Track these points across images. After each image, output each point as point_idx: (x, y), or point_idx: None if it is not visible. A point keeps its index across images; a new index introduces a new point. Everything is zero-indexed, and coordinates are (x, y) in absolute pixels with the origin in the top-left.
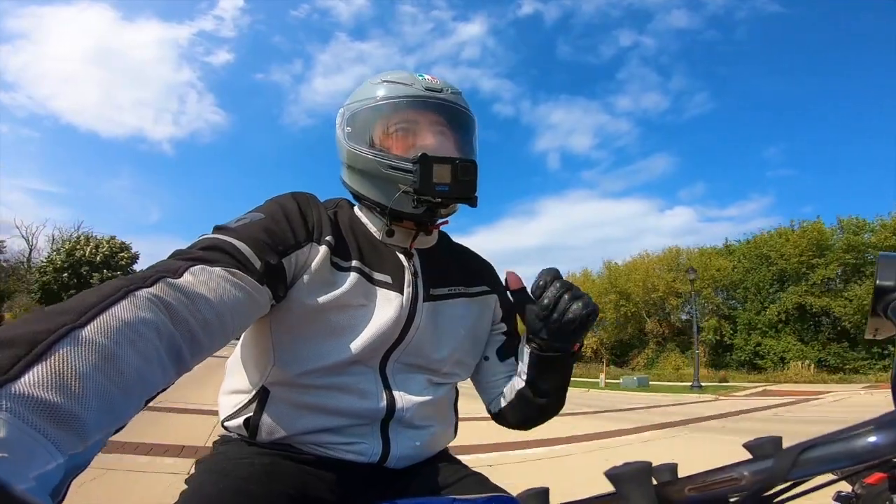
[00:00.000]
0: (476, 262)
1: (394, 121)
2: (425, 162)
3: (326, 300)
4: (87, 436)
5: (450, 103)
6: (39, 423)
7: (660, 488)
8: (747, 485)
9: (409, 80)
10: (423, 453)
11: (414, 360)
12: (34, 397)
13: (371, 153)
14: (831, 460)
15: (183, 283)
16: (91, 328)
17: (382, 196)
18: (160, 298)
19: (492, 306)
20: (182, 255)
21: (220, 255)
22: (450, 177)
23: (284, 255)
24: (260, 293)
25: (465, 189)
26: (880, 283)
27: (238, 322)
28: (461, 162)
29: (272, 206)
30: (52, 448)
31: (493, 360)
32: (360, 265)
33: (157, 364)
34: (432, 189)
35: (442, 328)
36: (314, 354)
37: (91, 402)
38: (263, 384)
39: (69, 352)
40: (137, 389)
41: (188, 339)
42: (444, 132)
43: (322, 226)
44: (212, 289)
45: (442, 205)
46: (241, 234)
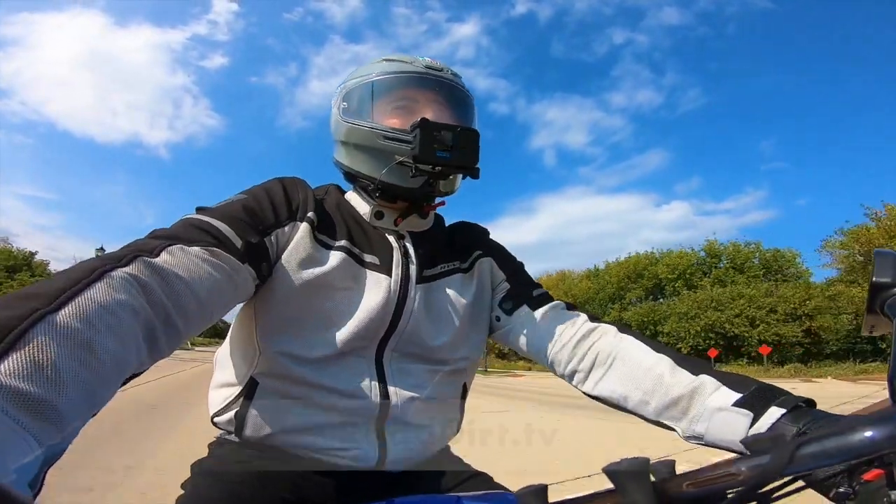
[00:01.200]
0: (469, 232)
1: (392, 97)
2: (426, 126)
3: (311, 278)
4: (65, 425)
5: (450, 81)
6: (17, 413)
7: (658, 484)
8: (744, 480)
9: (410, 59)
10: (422, 454)
11: (412, 348)
12: (10, 387)
13: (367, 124)
14: (827, 455)
15: (160, 263)
16: (65, 313)
17: (376, 168)
18: (136, 278)
19: (488, 269)
20: (159, 234)
21: (199, 234)
22: (451, 142)
23: (265, 234)
24: (240, 272)
25: (467, 157)
26: (876, 279)
27: (217, 303)
28: (463, 129)
29: (257, 188)
30: (31, 439)
31: (505, 317)
32: (347, 245)
33: (133, 347)
34: (433, 154)
35: (438, 311)
36: (300, 342)
37: (68, 390)
38: (252, 375)
39: (44, 339)
40: (114, 374)
41: (163, 321)
42: (443, 108)
43: (307, 205)
44: (189, 269)
45: (441, 175)
46: (221, 214)
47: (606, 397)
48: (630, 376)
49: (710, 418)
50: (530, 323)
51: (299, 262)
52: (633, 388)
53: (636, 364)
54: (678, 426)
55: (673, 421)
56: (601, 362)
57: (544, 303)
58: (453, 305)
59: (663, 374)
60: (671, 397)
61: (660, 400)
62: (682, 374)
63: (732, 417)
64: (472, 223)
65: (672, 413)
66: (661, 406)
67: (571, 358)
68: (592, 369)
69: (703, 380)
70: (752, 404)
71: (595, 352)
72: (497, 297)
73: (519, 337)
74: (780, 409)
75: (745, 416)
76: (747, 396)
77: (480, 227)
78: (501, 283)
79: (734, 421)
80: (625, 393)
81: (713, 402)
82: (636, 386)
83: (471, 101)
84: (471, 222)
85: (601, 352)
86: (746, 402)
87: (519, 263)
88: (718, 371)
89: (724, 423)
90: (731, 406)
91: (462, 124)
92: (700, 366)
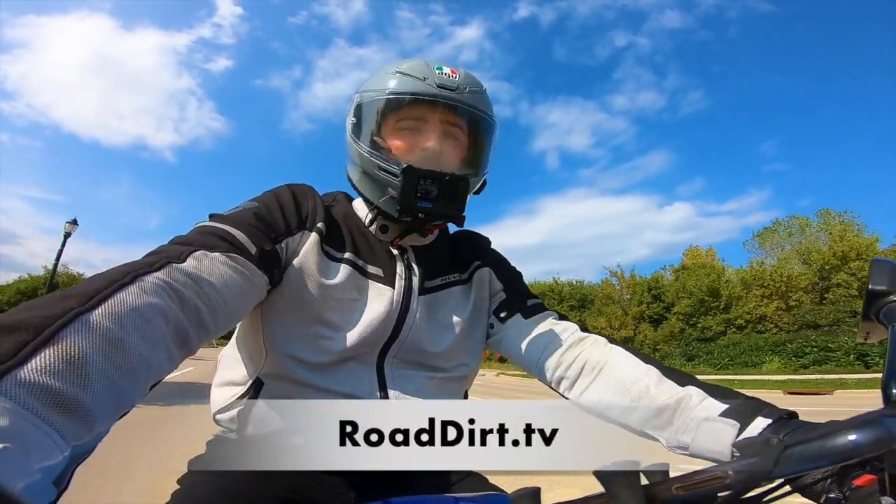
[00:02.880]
0: (471, 242)
1: (399, 117)
2: (409, 175)
3: (317, 288)
4: (93, 424)
5: (463, 104)
6: (45, 411)
7: (649, 488)
8: (732, 482)
9: (424, 74)
10: None
11: (412, 356)
12: (40, 384)
13: (367, 151)
14: (813, 458)
15: (188, 268)
16: (99, 313)
17: (374, 195)
18: (168, 283)
19: (486, 279)
20: (182, 241)
21: (218, 241)
22: (436, 192)
23: (276, 242)
24: (258, 277)
25: (451, 207)
26: (872, 287)
27: (241, 304)
28: (451, 179)
29: (267, 196)
30: (58, 437)
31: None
32: (353, 257)
33: (164, 350)
34: (414, 205)
35: (439, 322)
36: (305, 348)
37: (98, 389)
38: (258, 375)
39: (77, 337)
40: (143, 376)
41: (196, 323)
42: (449, 134)
43: (316, 214)
44: (215, 273)
45: (423, 222)
46: (235, 222)
47: (591, 406)
48: (616, 385)
49: (697, 429)
50: (522, 331)
51: (307, 272)
52: (619, 397)
53: (623, 374)
54: (662, 436)
55: (657, 431)
56: (588, 371)
57: (537, 312)
58: (453, 316)
59: (650, 384)
60: (656, 407)
61: (645, 409)
62: (668, 384)
63: (719, 428)
64: (476, 232)
65: (656, 423)
66: (646, 416)
67: (559, 365)
68: (579, 377)
69: (690, 391)
70: (738, 415)
71: (583, 360)
72: (493, 306)
73: (510, 344)
74: (766, 419)
75: (731, 426)
76: (734, 407)
77: (483, 237)
78: (498, 293)
79: (721, 431)
80: (610, 402)
81: (700, 413)
82: (622, 395)
83: (487, 124)
84: (474, 231)
85: (589, 360)
86: (733, 412)
87: (517, 274)
88: (704, 383)
89: (710, 434)
90: (718, 416)
91: (463, 162)
92: (686, 378)
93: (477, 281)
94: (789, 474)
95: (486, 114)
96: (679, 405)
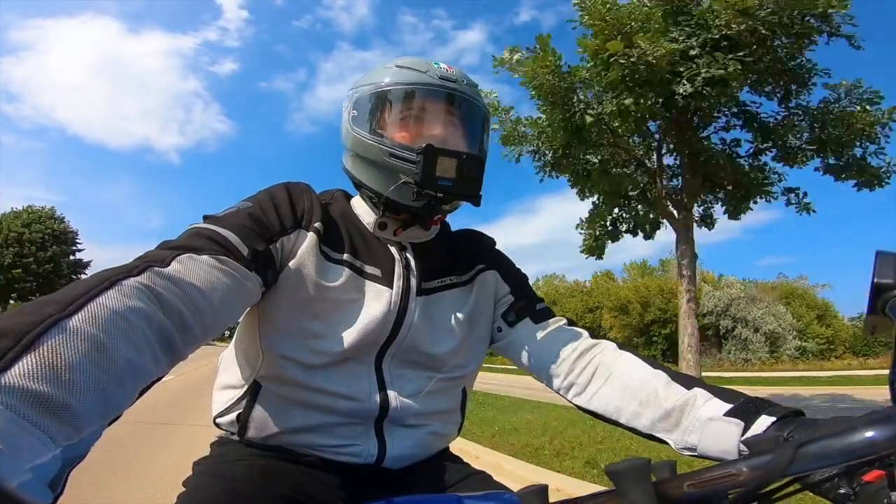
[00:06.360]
0: (473, 243)
1: (402, 108)
2: (430, 153)
3: (315, 290)
4: (81, 426)
5: (464, 95)
6: (31, 414)
7: (659, 485)
8: (745, 480)
9: (424, 67)
10: (421, 453)
11: (411, 356)
12: (25, 388)
13: (374, 139)
14: (828, 456)
15: (171, 272)
16: (78, 318)
17: (382, 185)
18: (148, 287)
19: (491, 282)
20: (169, 245)
21: (207, 243)
22: (454, 172)
23: (271, 242)
24: (249, 279)
25: (470, 186)
26: (878, 280)
27: (229, 308)
28: (468, 157)
29: (262, 195)
30: (47, 439)
31: (506, 328)
32: (350, 259)
33: (149, 353)
34: (435, 183)
35: (438, 323)
36: (302, 349)
37: (83, 391)
38: (255, 378)
39: (58, 342)
40: (129, 379)
41: (179, 327)
42: (453, 123)
43: (312, 213)
44: (200, 276)
45: (443, 200)
46: (227, 223)
47: (601, 410)
48: (625, 389)
49: (703, 429)
50: (531, 337)
51: (305, 274)
52: (628, 400)
53: (632, 377)
54: (670, 438)
55: (665, 433)
56: (599, 376)
57: (546, 317)
58: (452, 317)
59: (658, 387)
60: (664, 410)
61: (653, 413)
62: (675, 387)
63: (724, 427)
64: (479, 232)
65: (664, 425)
66: (655, 419)
67: (570, 371)
68: (590, 383)
69: (696, 392)
70: (742, 413)
71: (594, 366)
72: (500, 309)
73: (519, 350)
74: (771, 417)
75: (736, 425)
76: (738, 406)
77: (487, 238)
78: (505, 296)
79: (726, 430)
80: (619, 405)
81: (705, 413)
82: (631, 399)
83: (484, 116)
84: (477, 231)
85: (600, 366)
86: (737, 411)
87: (523, 276)
88: (710, 385)
89: (716, 433)
90: (723, 416)
91: (470, 148)
92: (693, 381)
93: (479, 283)
94: (804, 471)
95: (483, 106)
96: (685, 406)
